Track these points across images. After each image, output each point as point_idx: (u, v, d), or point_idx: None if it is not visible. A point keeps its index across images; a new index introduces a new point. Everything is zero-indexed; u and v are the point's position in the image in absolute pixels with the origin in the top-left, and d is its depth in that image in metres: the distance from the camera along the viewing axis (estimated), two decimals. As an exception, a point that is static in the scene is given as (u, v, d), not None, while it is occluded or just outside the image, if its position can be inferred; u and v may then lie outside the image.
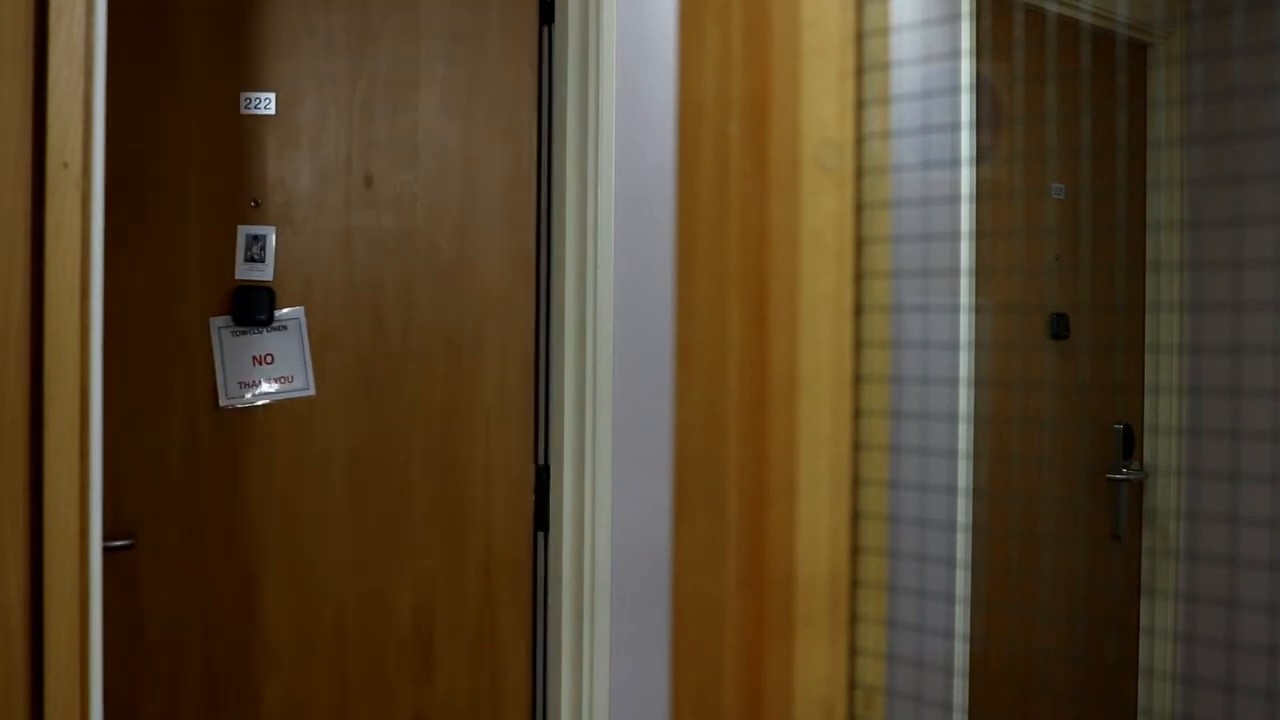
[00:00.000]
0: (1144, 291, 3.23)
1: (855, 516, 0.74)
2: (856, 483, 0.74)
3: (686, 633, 0.74)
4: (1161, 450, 3.21)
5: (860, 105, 0.74)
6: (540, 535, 2.05)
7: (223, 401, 1.94)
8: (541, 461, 2.05)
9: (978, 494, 2.59)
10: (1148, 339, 3.21)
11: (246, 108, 1.96)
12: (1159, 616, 3.20)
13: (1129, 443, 3.15)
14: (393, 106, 2.02)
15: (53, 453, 1.28)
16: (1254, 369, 2.99)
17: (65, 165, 1.29)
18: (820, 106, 0.72)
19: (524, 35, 2.04)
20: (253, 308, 1.95)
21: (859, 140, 0.74)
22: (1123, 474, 3.15)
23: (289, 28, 1.99)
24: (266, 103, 1.97)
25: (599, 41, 1.97)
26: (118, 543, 1.86)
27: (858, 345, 0.74)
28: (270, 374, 1.97)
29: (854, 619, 0.74)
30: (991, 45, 2.57)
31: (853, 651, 0.74)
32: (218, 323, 1.96)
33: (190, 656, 1.93)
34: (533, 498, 2.05)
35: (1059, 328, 2.94)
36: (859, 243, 0.74)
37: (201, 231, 1.95)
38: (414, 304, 2.05)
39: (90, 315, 1.32)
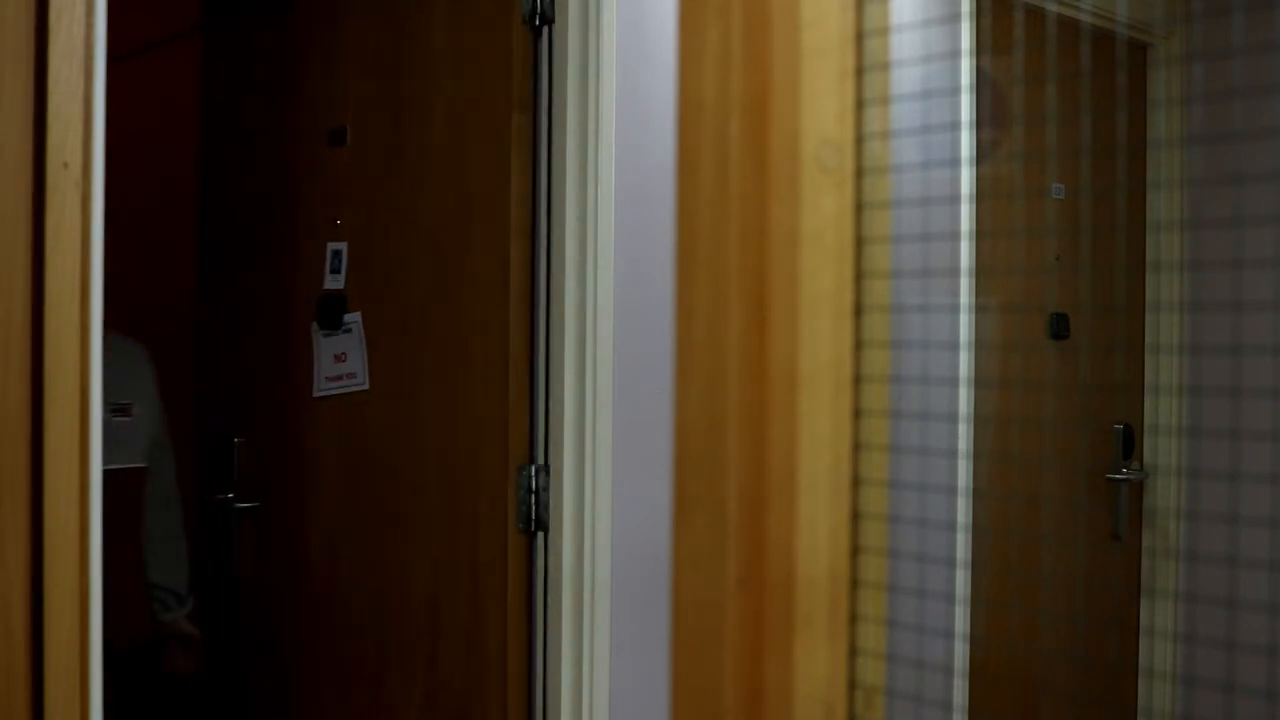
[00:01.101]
0: (1144, 291, 3.23)
1: (855, 516, 0.74)
2: (856, 483, 0.74)
3: (686, 633, 0.73)
4: (1161, 450, 3.21)
5: (860, 105, 0.74)
6: (540, 535, 2.05)
7: (315, 393, 2.30)
8: (541, 461, 2.05)
9: (978, 494, 2.59)
10: (1148, 339, 3.20)
11: (332, 140, 2.32)
12: (1159, 616, 3.20)
13: (1129, 443, 3.15)
14: (414, 127, 2.19)
15: (53, 452, 1.28)
16: (1254, 369, 2.98)
17: (65, 165, 1.29)
18: (820, 106, 0.72)
19: (510, 40, 2.05)
20: (331, 313, 2.28)
21: (859, 140, 0.74)
22: (1123, 474, 3.15)
23: (355, 64, 2.30)
24: (344, 135, 2.31)
25: (599, 42, 1.97)
26: (246, 504, 2.38)
27: (858, 345, 0.74)
28: (344, 370, 2.29)
29: (854, 619, 0.74)
30: (991, 45, 2.57)
31: (853, 651, 0.74)
32: (314, 326, 2.31)
33: (284, 592, 2.34)
34: (518, 497, 2.04)
35: (1059, 328, 2.94)
36: (859, 243, 0.74)
37: (308, 247, 2.32)
38: (426, 308, 2.16)
39: (90, 315, 1.32)
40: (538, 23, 2.03)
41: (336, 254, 2.29)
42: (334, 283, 2.30)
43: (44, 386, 1.28)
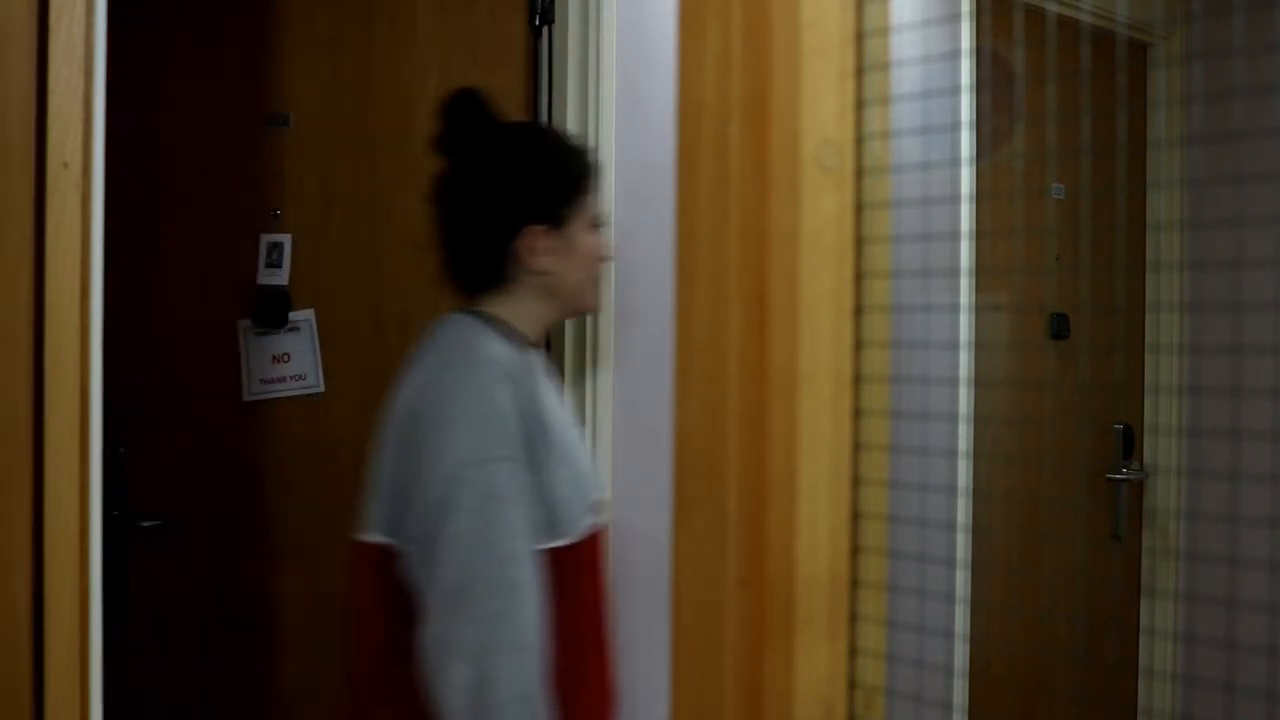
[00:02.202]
0: (1144, 291, 3.23)
1: (855, 516, 0.74)
2: (856, 483, 0.74)
3: (686, 632, 0.73)
4: (1161, 450, 3.21)
5: (860, 105, 0.74)
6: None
7: (246, 397, 2.06)
8: (541, 461, 2.05)
9: (978, 494, 2.59)
10: (1148, 339, 3.20)
11: (270, 124, 2.09)
12: (1159, 616, 3.20)
13: (1129, 443, 3.15)
14: (392, 120, 2.09)
15: (53, 453, 1.28)
16: (1254, 369, 2.98)
17: (65, 165, 1.29)
18: (820, 106, 0.72)
19: (511, 40, 2.04)
20: (271, 310, 2.06)
21: (859, 140, 0.74)
22: (1123, 474, 3.15)
23: (302, 45, 2.11)
24: (286, 117, 2.10)
25: (599, 42, 1.97)
26: (149, 522, 2.00)
27: (858, 345, 0.74)
28: (286, 371, 2.08)
29: (854, 619, 0.74)
30: (991, 45, 2.57)
31: (853, 651, 0.74)
32: (244, 324, 2.07)
33: (213, 633, 2.04)
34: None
35: (1059, 328, 2.94)
36: (859, 243, 0.74)
37: (230, 239, 2.08)
38: (410, 305, 2.07)
39: (90, 315, 1.32)
40: (538, 23, 2.03)
41: (275, 246, 2.08)
42: (272, 277, 2.08)
43: (45, 386, 1.28)
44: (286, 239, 2.09)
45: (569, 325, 2.00)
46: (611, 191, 1.99)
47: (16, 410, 1.26)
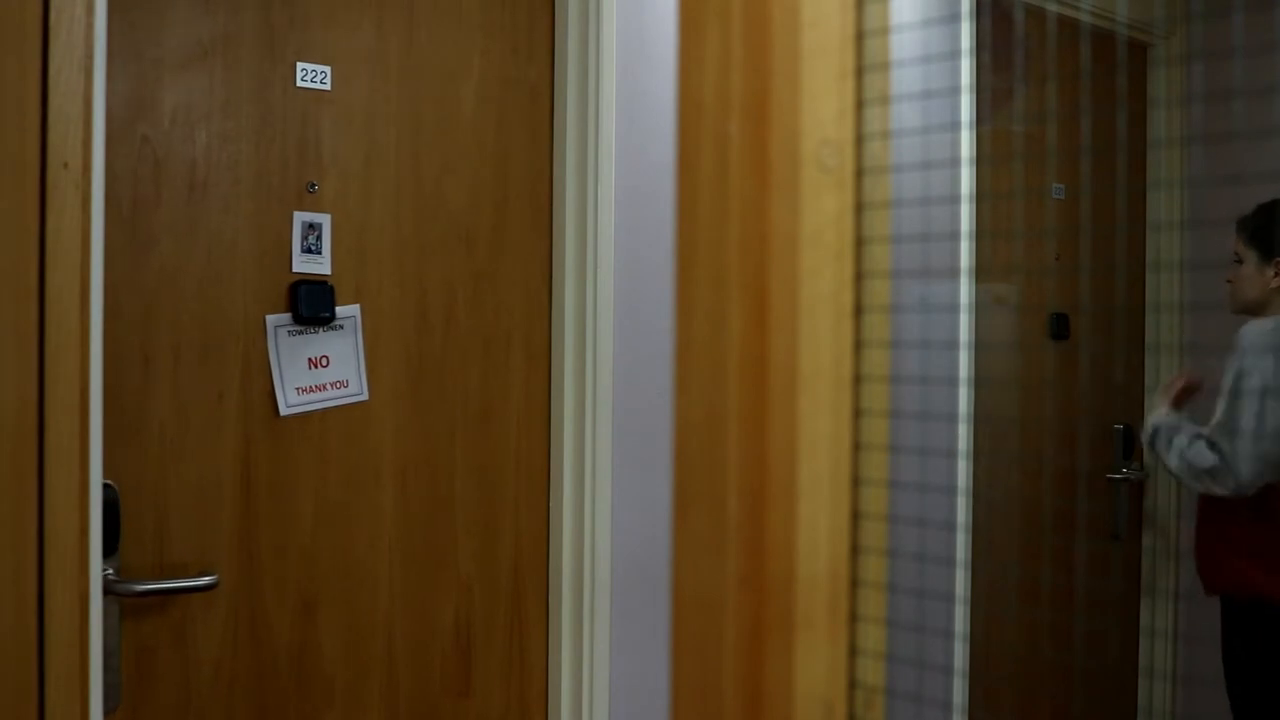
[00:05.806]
0: (1144, 291, 3.23)
1: (855, 516, 0.74)
2: (856, 483, 0.74)
3: (686, 632, 0.73)
4: (1161, 450, 3.20)
5: (860, 105, 0.74)
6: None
7: (283, 410, 1.73)
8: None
9: (978, 494, 2.59)
10: (1148, 339, 3.21)
11: (303, 80, 1.75)
12: (1159, 616, 3.20)
13: (1129, 443, 3.15)
14: (436, 96, 1.90)
15: (53, 450, 1.28)
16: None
17: (65, 165, 1.29)
18: (820, 106, 0.72)
19: (546, 33, 2.03)
20: (315, 304, 1.74)
21: (859, 140, 0.74)
22: (1123, 474, 3.15)
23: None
24: (323, 76, 1.77)
25: (599, 41, 1.97)
26: (201, 580, 1.62)
27: (858, 345, 0.74)
28: (326, 378, 1.78)
29: (854, 619, 0.74)
30: (991, 45, 2.57)
31: (853, 651, 0.73)
32: (275, 320, 1.72)
33: (243, 698, 1.71)
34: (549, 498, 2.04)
35: (1059, 328, 2.94)
36: (859, 243, 0.74)
37: (255, 216, 1.71)
38: (454, 303, 1.92)
39: (90, 315, 1.32)
40: (551, 21, 2.03)
41: (312, 228, 1.76)
42: (311, 265, 1.76)
43: (45, 385, 1.28)
44: (326, 219, 1.77)
45: (569, 325, 2.00)
46: (611, 191, 1.99)
47: (16, 410, 1.26)
